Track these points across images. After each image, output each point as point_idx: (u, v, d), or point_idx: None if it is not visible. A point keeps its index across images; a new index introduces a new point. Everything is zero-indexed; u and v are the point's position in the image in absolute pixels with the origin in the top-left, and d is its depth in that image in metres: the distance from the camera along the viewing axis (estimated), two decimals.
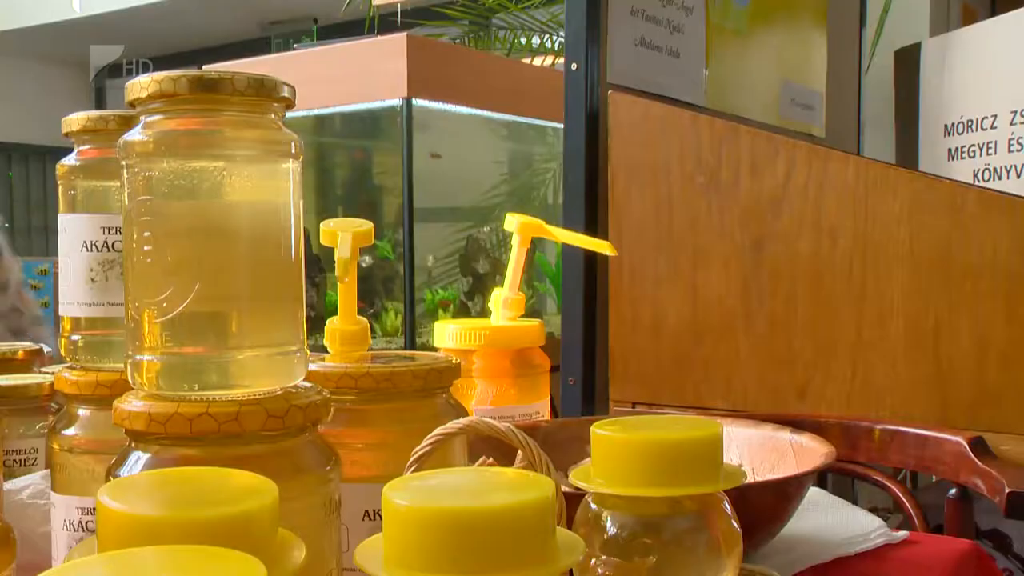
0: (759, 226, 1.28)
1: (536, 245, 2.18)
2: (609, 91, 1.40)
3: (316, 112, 1.86)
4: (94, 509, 0.52)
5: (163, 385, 0.43)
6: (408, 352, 0.69)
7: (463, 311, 1.99)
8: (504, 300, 0.85)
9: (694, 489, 0.43)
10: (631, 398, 1.43)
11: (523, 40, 2.52)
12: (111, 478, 0.44)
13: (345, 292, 0.62)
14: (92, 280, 0.53)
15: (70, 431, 0.54)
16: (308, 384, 0.47)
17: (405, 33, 1.72)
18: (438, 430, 0.49)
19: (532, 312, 1.78)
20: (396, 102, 1.73)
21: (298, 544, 0.35)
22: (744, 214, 1.29)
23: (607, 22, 1.44)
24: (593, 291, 1.42)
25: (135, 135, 0.44)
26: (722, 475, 0.44)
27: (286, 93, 0.45)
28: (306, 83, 1.72)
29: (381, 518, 0.53)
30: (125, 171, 0.44)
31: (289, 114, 0.46)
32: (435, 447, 0.49)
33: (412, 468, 0.49)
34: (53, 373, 0.55)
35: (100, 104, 5.58)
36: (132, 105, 0.45)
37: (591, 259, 1.38)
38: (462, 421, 0.49)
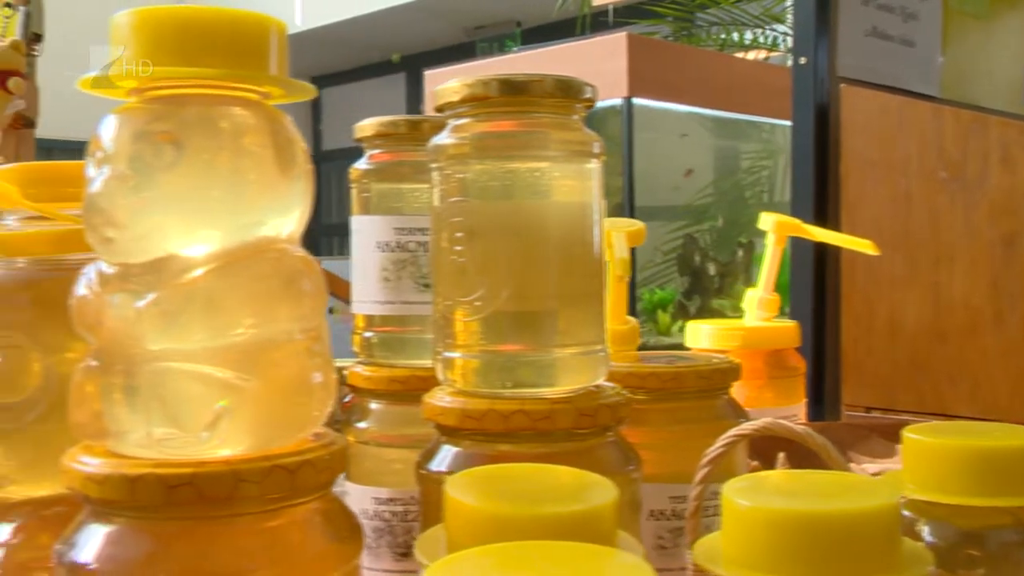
0: (1011, 222, 1.20)
1: (752, 245, 2.14)
2: (840, 84, 1.35)
3: None
4: (388, 499, 0.55)
5: (476, 382, 0.44)
6: (676, 352, 0.69)
7: (681, 311, 1.98)
8: (759, 300, 0.84)
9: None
10: (865, 402, 1.37)
11: (735, 36, 2.47)
12: (421, 472, 0.46)
13: (616, 292, 0.62)
14: (386, 279, 0.55)
15: (363, 424, 0.57)
16: (609, 384, 0.47)
17: (625, 32, 1.72)
18: (732, 431, 0.48)
19: None
20: (617, 102, 1.73)
21: (636, 545, 0.35)
22: (993, 209, 1.22)
23: (836, 13, 1.39)
24: (822, 291, 1.38)
25: (446, 138, 0.45)
26: None
27: (589, 94, 0.45)
28: None
29: (666, 518, 0.54)
30: (436, 173, 0.45)
31: None
32: (729, 448, 0.49)
33: (705, 469, 0.49)
34: (344, 368, 0.58)
35: (316, 114, 5.83)
36: (440, 110, 0.46)
37: (820, 258, 1.34)
38: (758, 422, 0.48)
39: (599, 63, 1.75)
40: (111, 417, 0.32)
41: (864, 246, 0.84)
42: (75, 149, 0.63)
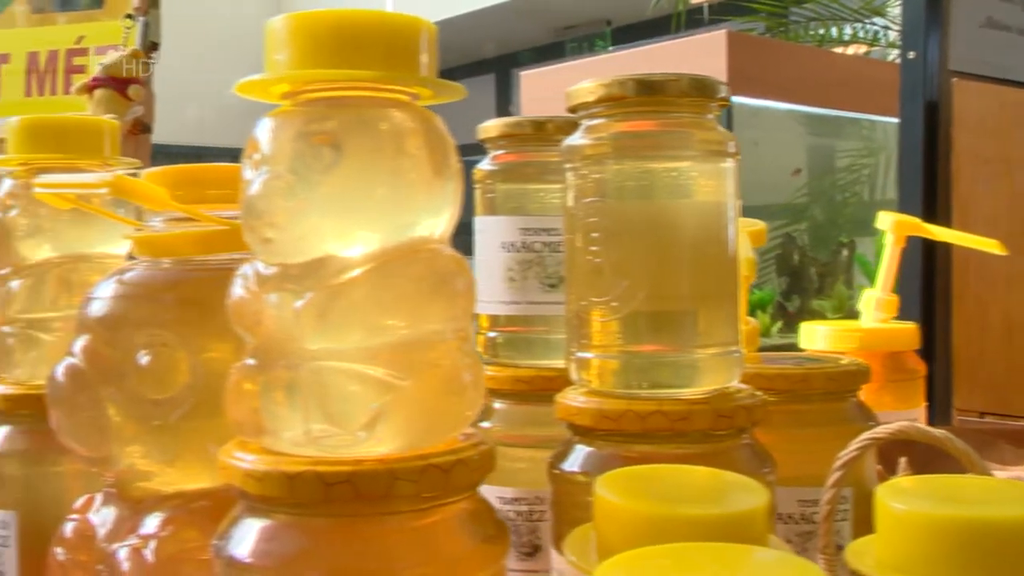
0: None
1: (852, 245, 2.10)
2: (952, 79, 1.32)
3: None
4: (512, 499, 0.55)
5: (613, 382, 0.44)
6: (795, 353, 0.68)
7: (780, 312, 1.94)
8: (877, 301, 0.82)
9: None
10: (978, 407, 1.33)
11: (833, 31, 2.42)
12: (554, 472, 0.46)
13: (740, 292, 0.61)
14: (511, 279, 0.55)
15: (487, 424, 0.57)
16: (743, 385, 0.46)
17: (725, 30, 1.70)
18: (867, 435, 0.47)
19: (851, 313, 1.71)
20: None
21: (784, 547, 0.35)
22: None
23: (948, 4, 1.36)
24: (932, 292, 1.34)
25: (581, 139, 0.45)
26: None
27: (724, 93, 0.45)
28: None
29: (794, 522, 0.53)
30: (570, 174, 0.45)
31: None
32: (863, 452, 0.48)
33: (838, 473, 0.48)
34: None
35: None
36: (573, 110, 0.46)
37: (930, 258, 1.31)
38: (892, 426, 0.47)
39: (698, 61, 1.73)
40: (268, 415, 0.33)
41: (990, 245, 0.82)
42: (176, 153, 0.65)
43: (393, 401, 0.32)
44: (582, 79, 0.45)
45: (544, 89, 1.98)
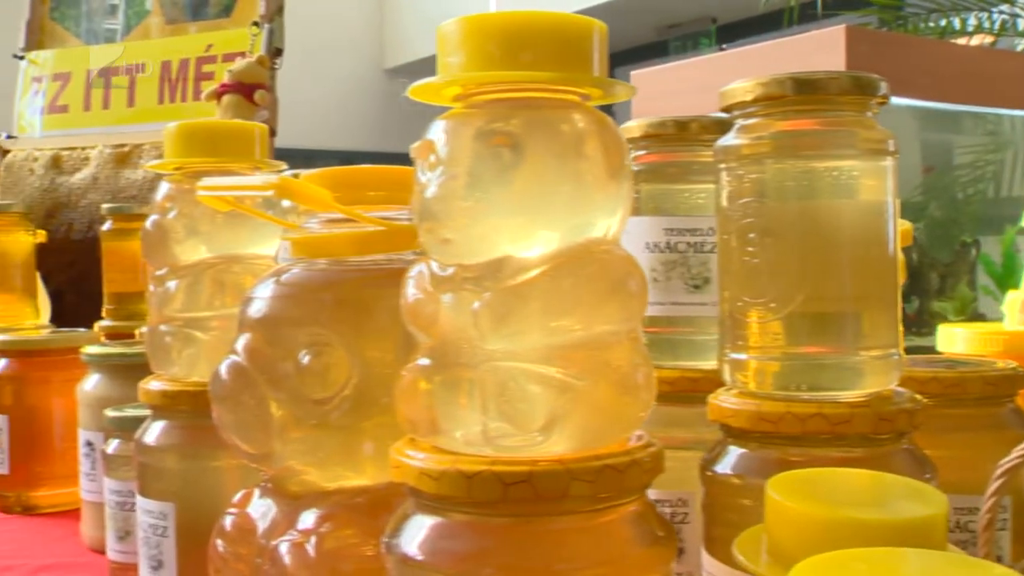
0: None
1: (977, 244, 2.03)
2: None
3: None
4: (656, 500, 0.54)
5: (771, 384, 0.43)
6: (942, 356, 0.66)
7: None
8: (1022, 303, 0.79)
9: None
10: None
11: (955, 21, 2.35)
12: (707, 473, 0.46)
13: None
14: (654, 280, 0.55)
15: None
16: (901, 389, 0.45)
17: (844, 24, 1.66)
18: None
19: (975, 316, 1.65)
20: None
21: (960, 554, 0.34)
22: None
23: None
24: None
25: (736, 139, 0.44)
26: None
27: (884, 91, 0.44)
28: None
29: (951, 531, 0.52)
30: (724, 174, 0.45)
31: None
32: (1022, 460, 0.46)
33: (999, 481, 0.46)
34: None
35: None
36: (728, 110, 0.46)
37: None
38: None
39: (814, 57, 1.69)
40: (443, 414, 0.33)
41: None
42: (284, 156, 0.66)
43: (570, 401, 0.32)
44: (694, 78, 0.45)
45: (654, 88, 1.96)
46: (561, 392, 0.32)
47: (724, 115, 0.47)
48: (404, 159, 0.51)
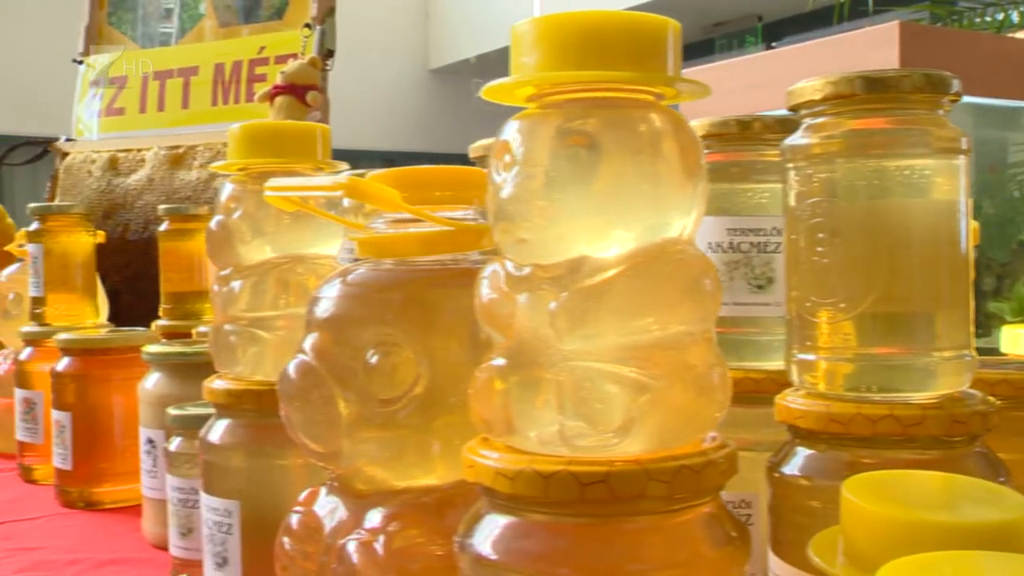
0: None
1: None
2: None
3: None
4: None
5: (841, 384, 0.43)
6: (1007, 358, 0.65)
7: None
8: None
9: None
10: None
11: (1013, 15, 2.30)
12: (775, 475, 0.45)
13: None
14: None
15: None
16: (973, 391, 0.45)
17: (897, 21, 1.64)
18: None
19: None
20: None
21: None
22: None
23: None
24: None
25: (805, 138, 0.44)
26: None
27: (957, 88, 0.43)
28: (788, 81, 1.69)
29: None
30: (792, 173, 0.45)
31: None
32: None
33: None
34: None
35: None
36: (795, 108, 0.45)
37: None
38: None
39: (867, 54, 1.67)
40: (519, 414, 0.33)
41: None
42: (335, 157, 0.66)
43: (647, 402, 0.32)
44: (742, 77, 0.45)
45: None
46: (638, 392, 0.32)
47: (790, 114, 0.47)
48: (448, 159, 0.51)
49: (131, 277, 1.30)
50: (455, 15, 5.94)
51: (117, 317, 1.19)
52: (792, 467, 0.44)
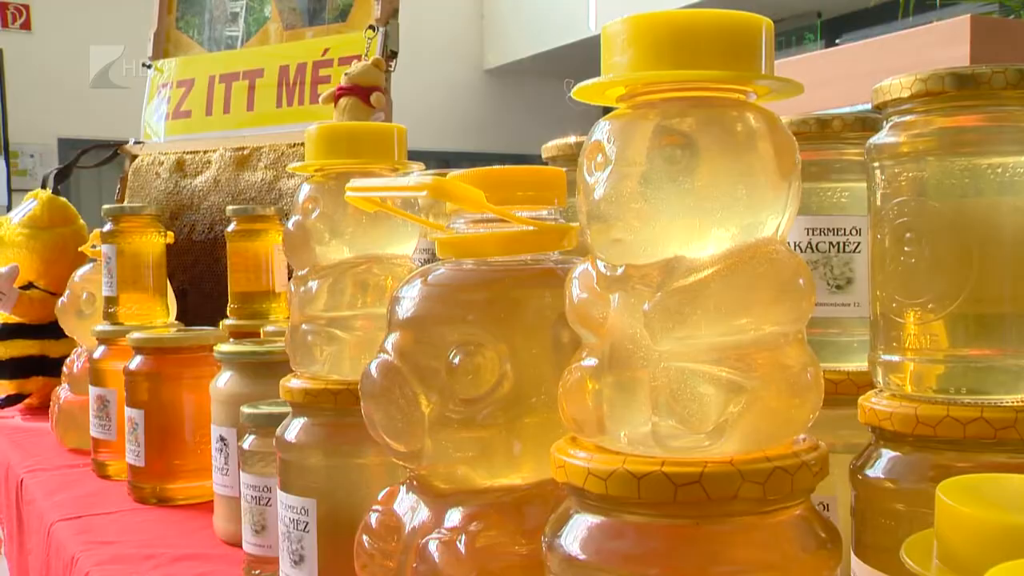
0: None
1: None
2: None
3: (861, 109, 1.79)
4: None
5: (929, 386, 0.42)
6: None
7: None
8: None
9: None
10: None
11: None
12: (859, 477, 0.45)
13: None
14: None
15: None
16: None
17: (968, 15, 1.62)
18: None
19: None
20: None
21: None
22: None
23: None
24: None
25: (891, 136, 0.43)
26: None
27: None
28: (854, 78, 1.67)
29: None
30: (878, 172, 0.44)
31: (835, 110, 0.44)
32: None
33: None
34: None
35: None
36: (881, 107, 0.45)
37: None
38: None
39: (935, 50, 1.65)
40: (611, 414, 0.33)
41: None
42: None
43: (742, 403, 0.32)
44: (804, 74, 0.44)
45: None
46: (734, 393, 0.32)
47: (870, 112, 0.46)
48: (503, 159, 0.51)
49: (197, 277, 1.32)
50: (510, 15, 5.94)
51: (184, 316, 1.21)
52: (877, 469, 0.44)
